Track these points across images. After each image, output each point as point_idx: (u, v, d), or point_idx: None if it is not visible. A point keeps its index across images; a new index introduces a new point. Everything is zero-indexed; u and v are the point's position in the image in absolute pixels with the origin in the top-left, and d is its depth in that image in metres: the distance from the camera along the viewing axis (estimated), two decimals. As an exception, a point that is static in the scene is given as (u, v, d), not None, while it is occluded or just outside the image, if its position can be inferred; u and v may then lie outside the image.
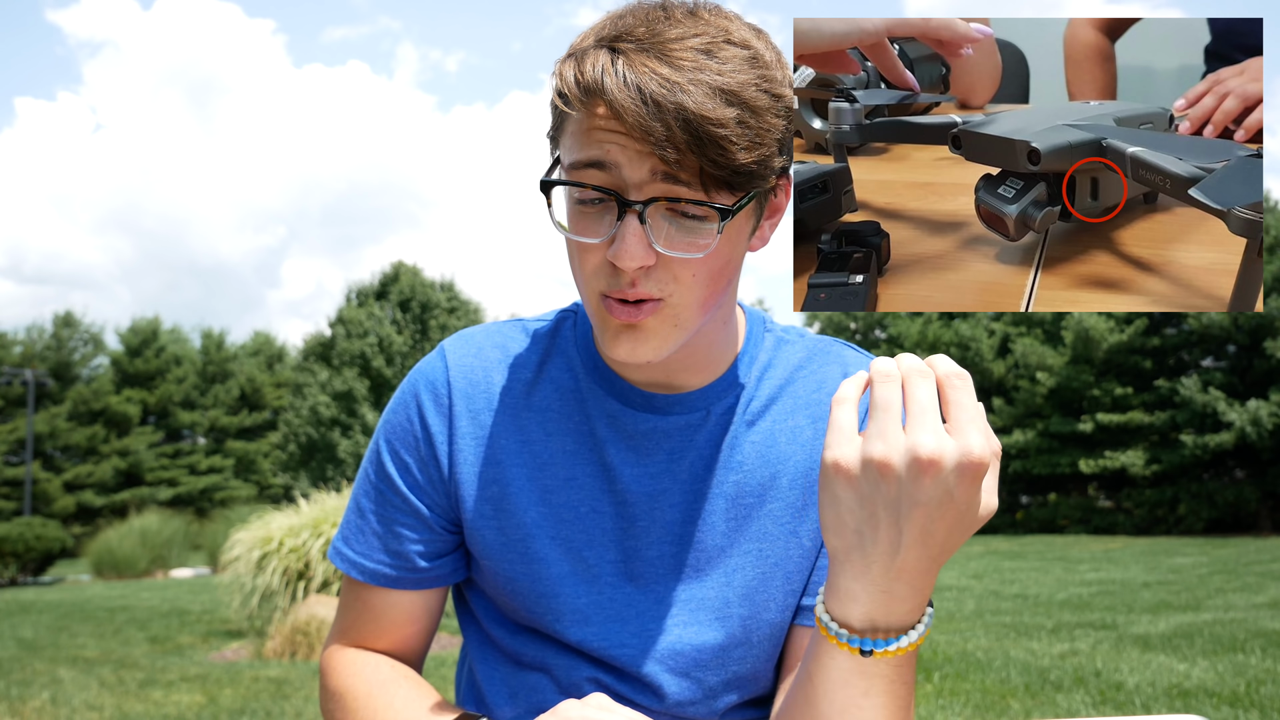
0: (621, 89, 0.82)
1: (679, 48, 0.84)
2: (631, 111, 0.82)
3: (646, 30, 0.85)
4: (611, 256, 0.87)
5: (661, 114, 0.81)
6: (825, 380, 1.07)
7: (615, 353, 0.92)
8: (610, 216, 0.88)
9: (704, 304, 0.92)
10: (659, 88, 0.82)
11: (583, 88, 0.85)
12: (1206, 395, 23.00)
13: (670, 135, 0.82)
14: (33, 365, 37.90)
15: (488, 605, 1.10)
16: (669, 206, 0.86)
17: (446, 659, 6.70)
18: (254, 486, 41.01)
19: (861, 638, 0.79)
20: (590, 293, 0.92)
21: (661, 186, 0.85)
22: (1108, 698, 4.93)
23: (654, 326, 0.91)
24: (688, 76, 0.82)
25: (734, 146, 0.83)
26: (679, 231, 0.87)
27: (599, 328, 0.93)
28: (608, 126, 0.85)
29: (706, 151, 0.82)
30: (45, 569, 19.07)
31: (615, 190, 0.86)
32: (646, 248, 0.86)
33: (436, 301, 32.31)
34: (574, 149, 0.88)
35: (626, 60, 0.83)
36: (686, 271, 0.89)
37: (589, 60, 0.85)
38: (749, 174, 0.86)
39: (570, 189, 0.89)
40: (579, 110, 0.86)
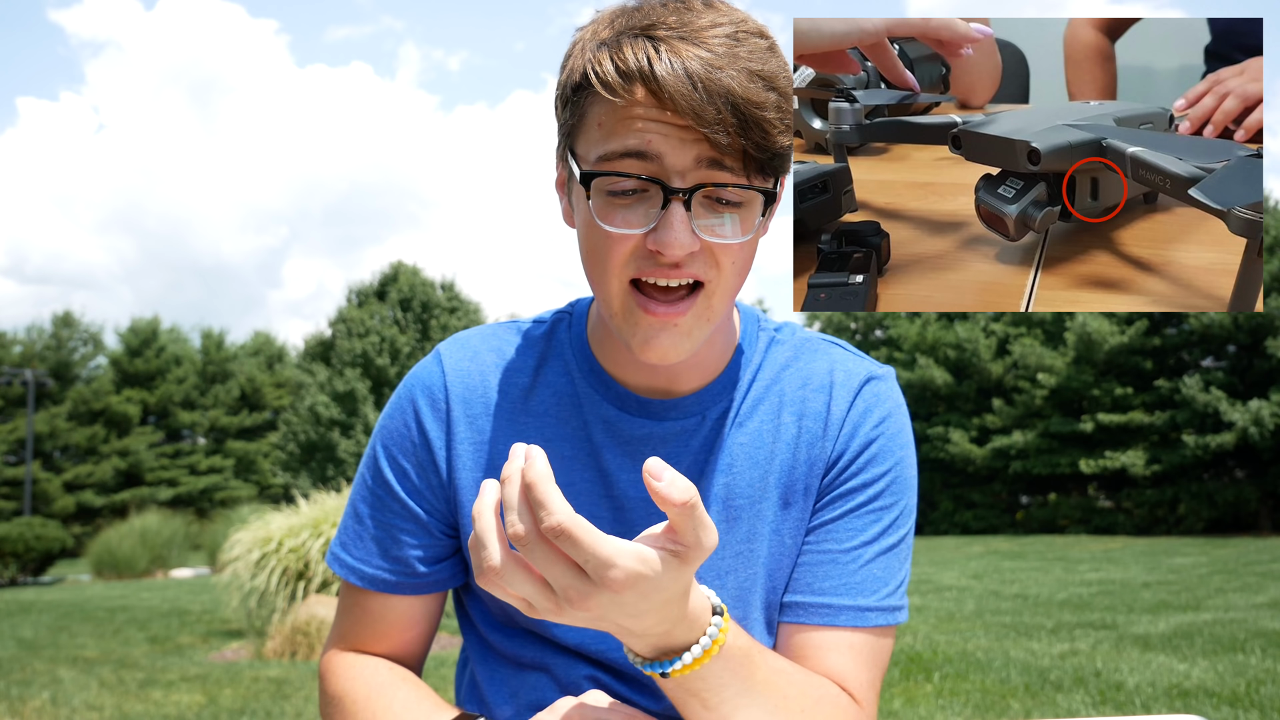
0: (670, 73, 0.83)
1: (712, 34, 0.85)
2: (684, 95, 0.82)
3: (677, 19, 0.86)
4: (656, 244, 0.87)
5: (711, 98, 0.83)
6: (810, 378, 1.06)
7: (648, 355, 0.92)
8: (646, 206, 0.88)
9: (734, 292, 0.94)
10: (704, 70, 0.83)
11: (624, 74, 0.85)
12: (1207, 395, 23.00)
13: (721, 118, 0.83)
14: (33, 365, 37.91)
15: (485, 611, 1.10)
16: (710, 193, 0.87)
17: (446, 659, 6.70)
18: (254, 486, 41.01)
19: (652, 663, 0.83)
20: (618, 284, 0.91)
21: (705, 173, 0.86)
22: (1108, 698, 4.93)
23: (690, 323, 0.91)
24: (727, 62, 0.84)
25: (774, 129, 0.85)
26: (719, 217, 0.88)
27: (628, 328, 0.92)
28: (648, 115, 0.85)
29: (751, 134, 0.84)
30: (45, 569, 19.07)
31: (659, 179, 0.86)
32: (692, 235, 0.87)
33: (437, 301, 32.31)
34: (607, 139, 0.87)
35: (669, 47, 0.84)
36: (727, 258, 0.90)
37: (628, 48, 0.85)
38: (784, 157, 0.88)
39: (604, 180, 0.88)
40: (621, 97, 0.85)
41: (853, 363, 1.07)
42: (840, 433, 1.03)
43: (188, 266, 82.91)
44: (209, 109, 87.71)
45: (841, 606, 0.99)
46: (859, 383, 1.05)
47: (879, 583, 1.00)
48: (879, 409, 1.05)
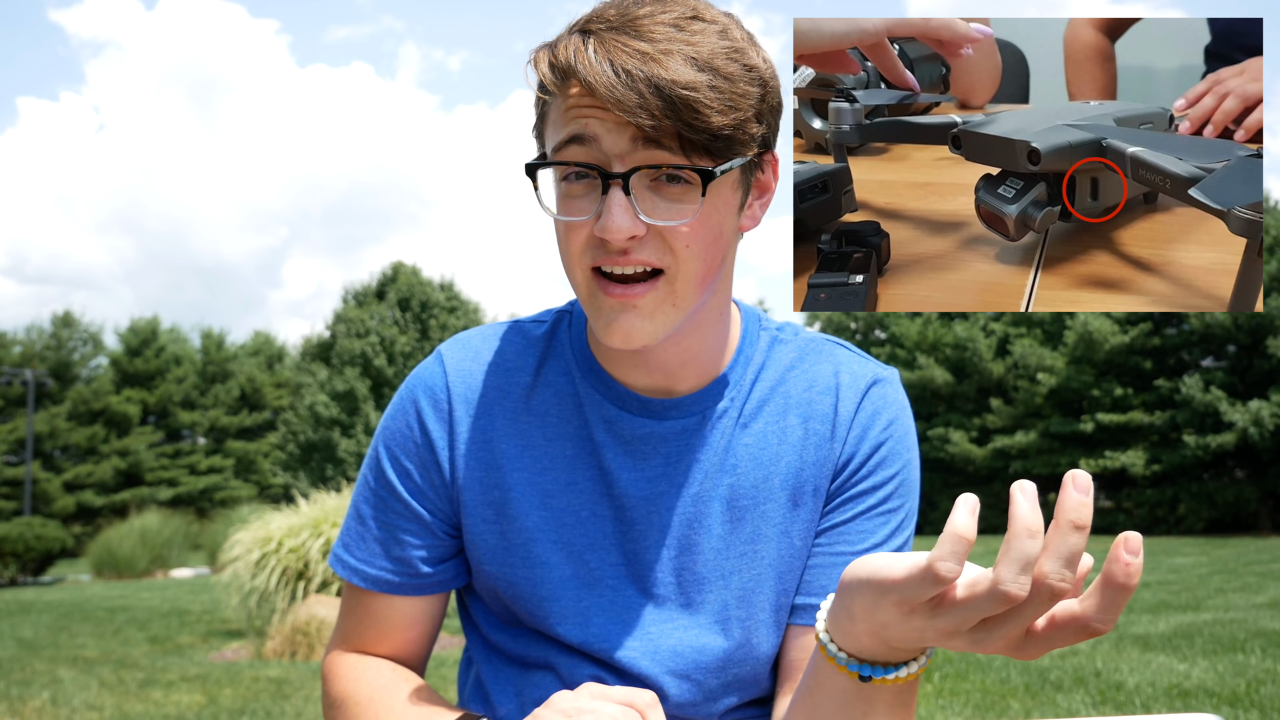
0: (591, 65, 0.85)
1: (649, 23, 0.87)
2: (604, 84, 0.84)
3: (617, 13, 0.89)
4: (599, 230, 0.88)
5: (634, 83, 0.84)
6: (816, 380, 1.06)
7: (611, 338, 0.92)
8: (595, 194, 0.89)
9: (701, 280, 0.93)
10: (629, 59, 0.84)
11: (557, 71, 0.88)
12: (1207, 395, 23.00)
13: (644, 102, 0.84)
14: (33, 365, 37.91)
15: (488, 613, 1.10)
16: (652, 175, 0.88)
17: (447, 659, 6.70)
18: (254, 486, 41.00)
19: (860, 664, 0.78)
20: (581, 273, 0.92)
21: (643, 154, 0.87)
22: (1108, 698, 4.93)
23: (651, 305, 0.91)
24: (659, 48, 0.85)
25: (708, 109, 0.85)
26: (664, 200, 0.89)
27: (593, 312, 0.93)
28: (583, 103, 0.87)
29: (681, 115, 0.85)
30: (45, 569, 19.07)
31: (597, 165, 0.88)
32: (633, 218, 0.87)
33: (436, 301, 32.31)
34: (554, 132, 0.90)
35: (598, 39, 0.87)
36: (679, 242, 0.90)
37: (561, 45, 0.89)
38: (727, 138, 0.88)
39: (555, 170, 0.91)
40: (556, 94, 0.89)
41: (858, 364, 1.07)
42: (849, 435, 1.04)
43: (188, 266, 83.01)
44: (209, 109, 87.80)
45: None
46: (865, 385, 1.06)
47: None
48: (886, 411, 1.05)
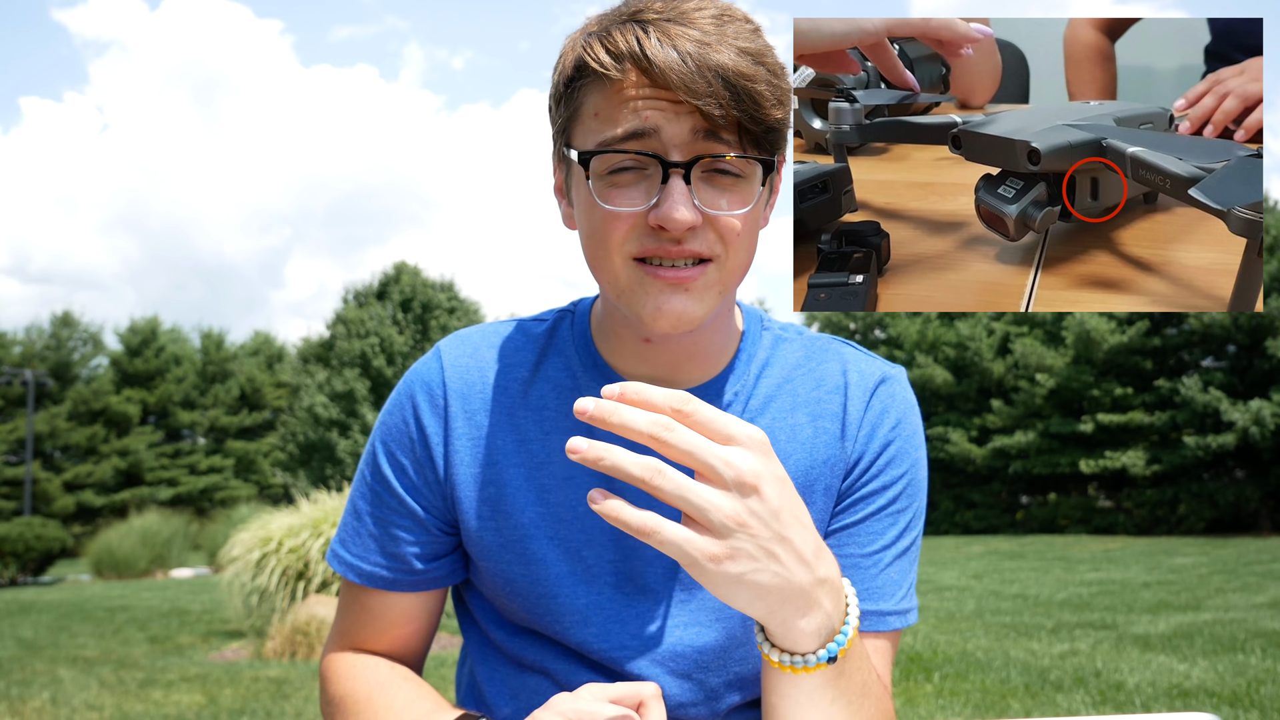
0: (659, 51, 0.86)
1: (698, 17, 0.88)
2: (676, 70, 0.85)
3: (663, 4, 0.89)
4: (657, 219, 0.88)
5: (702, 71, 0.85)
6: (824, 378, 1.06)
7: (660, 321, 0.92)
8: (647, 183, 0.89)
9: (743, 271, 0.95)
10: (694, 48, 0.86)
11: (615, 56, 0.87)
12: (1207, 395, 22.99)
13: (713, 90, 0.85)
14: (33, 365, 37.89)
15: (487, 607, 1.10)
16: (709, 167, 0.89)
17: (446, 659, 6.69)
18: (254, 486, 40.98)
19: (822, 651, 0.81)
20: (621, 260, 0.92)
21: (703, 145, 0.88)
22: (1108, 698, 4.93)
23: (701, 288, 0.92)
24: (715, 39, 0.86)
25: (766, 102, 0.88)
26: (716, 191, 0.90)
27: (638, 298, 0.92)
28: (641, 94, 0.87)
29: (744, 106, 0.86)
30: (45, 569, 19.06)
31: (657, 154, 0.88)
32: (694, 208, 0.88)
33: (437, 302, 32.30)
34: (604, 126, 0.89)
35: (657, 29, 0.87)
36: (731, 234, 0.91)
37: (616, 34, 0.88)
38: (779, 132, 0.91)
39: (603, 159, 0.90)
40: (615, 78, 0.88)
41: (865, 363, 1.08)
42: (859, 434, 1.04)
43: (191, 267, 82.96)
44: (213, 109, 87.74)
45: (864, 612, 1.00)
46: (873, 383, 1.06)
47: (895, 586, 1.02)
48: (894, 410, 1.06)
